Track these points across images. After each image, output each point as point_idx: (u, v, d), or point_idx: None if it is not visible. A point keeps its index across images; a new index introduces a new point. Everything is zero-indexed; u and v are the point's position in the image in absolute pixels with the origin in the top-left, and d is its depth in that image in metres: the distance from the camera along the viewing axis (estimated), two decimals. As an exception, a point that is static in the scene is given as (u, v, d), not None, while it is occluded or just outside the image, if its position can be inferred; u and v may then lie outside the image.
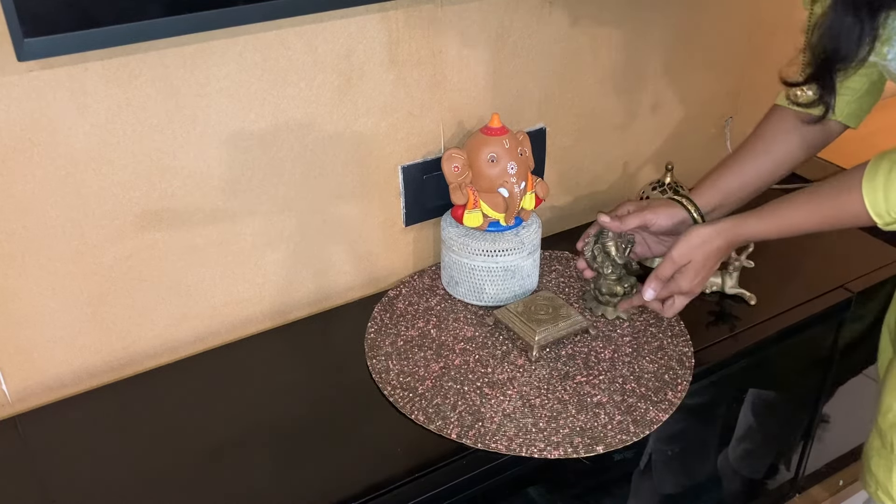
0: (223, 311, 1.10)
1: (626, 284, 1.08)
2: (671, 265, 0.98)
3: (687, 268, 0.98)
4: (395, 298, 1.16)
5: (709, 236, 0.96)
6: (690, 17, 1.34)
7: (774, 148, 1.03)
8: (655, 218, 1.04)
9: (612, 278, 1.08)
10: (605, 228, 1.05)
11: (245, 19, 0.90)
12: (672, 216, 1.04)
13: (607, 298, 1.09)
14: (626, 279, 1.09)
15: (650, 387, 0.99)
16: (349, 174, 1.11)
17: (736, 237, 0.96)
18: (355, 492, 0.86)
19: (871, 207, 0.85)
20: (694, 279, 0.98)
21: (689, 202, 1.04)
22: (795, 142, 1.02)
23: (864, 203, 0.85)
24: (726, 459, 1.35)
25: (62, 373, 1.02)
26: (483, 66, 1.15)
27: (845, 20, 0.76)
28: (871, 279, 1.21)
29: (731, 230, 0.96)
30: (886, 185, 0.83)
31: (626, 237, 1.06)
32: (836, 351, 1.26)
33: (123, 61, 0.89)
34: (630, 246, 1.07)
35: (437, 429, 0.93)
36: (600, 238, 1.07)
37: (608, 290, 1.08)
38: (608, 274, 1.08)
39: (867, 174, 0.85)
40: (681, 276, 0.98)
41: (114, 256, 0.99)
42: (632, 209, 1.06)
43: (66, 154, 0.90)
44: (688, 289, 0.99)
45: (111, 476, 0.90)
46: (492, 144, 1.07)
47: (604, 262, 1.07)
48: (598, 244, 1.07)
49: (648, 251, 1.10)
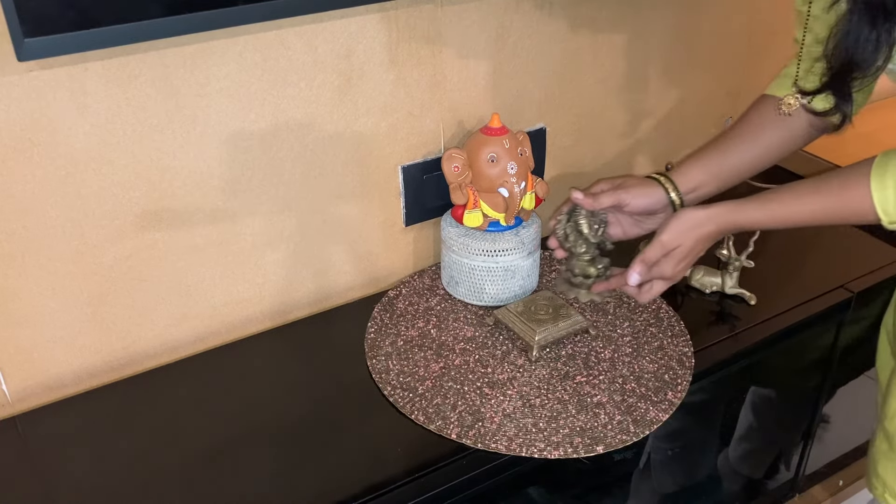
0: (223, 311, 1.10)
1: (599, 266, 1.01)
2: (660, 248, 0.94)
3: (674, 252, 0.94)
4: (395, 298, 1.16)
5: (701, 221, 0.92)
6: (690, 17, 1.34)
7: (762, 136, 1.00)
8: (630, 197, 0.99)
9: (585, 259, 1.01)
10: (577, 206, 1.00)
11: (245, 19, 0.90)
12: (648, 195, 0.99)
13: (580, 280, 1.02)
14: (599, 260, 1.02)
15: (650, 387, 0.99)
16: (349, 174, 1.11)
17: (729, 224, 0.93)
18: (355, 492, 0.86)
19: (879, 204, 0.82)
20: (678, 265, 0.94)
21: (668, 181, 1.00)
22: (783, 133, 0.99)
23: (872, 199, 0.82)
24: (726, 459, 1.34)
25: (62, 373, 1.02)
26: (483, 66, 1.15)
27: (862, 28, 0.75)
28: (871, 279, 1.21)
29: (724, 216, 0.92)
30: None
31: (599, 215, 1.00)
32: (837, 351, 1.26)
33: (123, 61, 0.89)
34: (604, 225, 1.01)
35: (437, 429, 0.93)
36: (573, 216, 1.01)
37: (581, 271, 1.02)
38: (581, 254, 1.01)
39: (875, 170, 0.83)
40: (666, 260, 0.94)
41: (114, 256, 0.99)
42: (606, 187, 1.01)
43: (66, 154, 0.90)
44: (670, 274, 0.95)
45: (111, 476, 0.90)
46: (492, 144, 1.07)
47: (576, 242, 1.00)
48: (570, 222, 1.01)
49: (622, 232, 1.04)
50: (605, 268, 1.02)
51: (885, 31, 0.75)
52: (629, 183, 1.01)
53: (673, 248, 0.93)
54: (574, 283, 1.03)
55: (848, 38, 0.76)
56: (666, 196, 1.00)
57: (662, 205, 1.00)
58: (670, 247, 0.93)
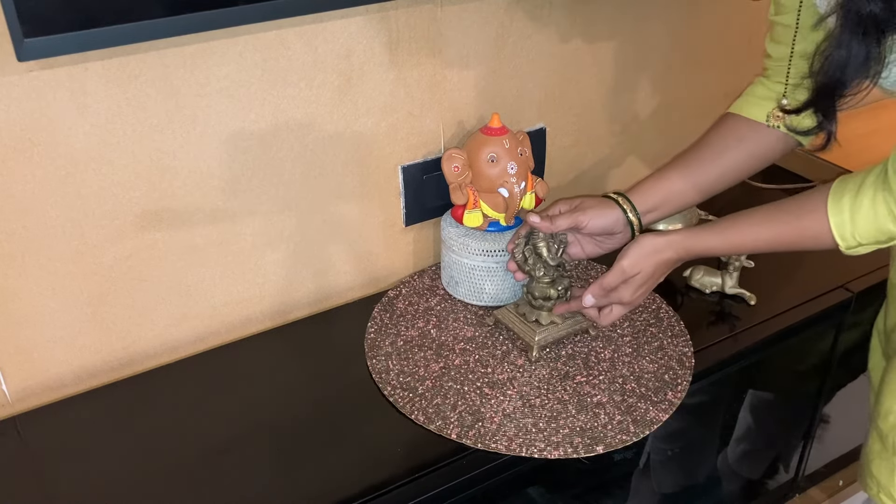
0: (223, 311, 1.10)
1: (559, 287, 1.02)
2: (620, 274, 0.94)
3: (633, 279, 0.94)
4: (395, 298, 1.16)
5: (661, 247, 0.92)
6: (690, 17, 1.34)
7: (723, 157, 0.99)
8: (588, 219, 0.99)
9: (544, 281, 1.02)
10: (535, 229, 1.01)
11: (245, 19, 0.90)
12: (605, 216, 0.99)
13: (541, 303, 1.03)
14: (559, 281, 1.02)
15: (650, 387, 0.99)
16: (349, 174, 1.11)
17: (687, 251, 0.93)
18: (355, 492, 0.86)
19: (835, 229, 0.82)
20: (636, 291, 0.95)
21: (626, 201, 1.00)
22: (745, 154, 0.99)
23: (829, 224, 0.82)
24: (726, 460, 1.35)
25: (62, 373, 1.02)
26: (483, 66, 1.15)
27: (852, 45, 0.73)
28: (871, 279, 1.21)
29: (682, 243, 0.92)
30: (853, 207, 0.81)
31: (558, 237, 1.01)
32: (837, 351, 1.26)
33: (123, 61, 0.89)
34: (563, 246, 1.01)
35: (437, 429, 0.93)
36: (531, 239, 1.01)
37: (541, 293, 1.02)
38: (540, 277, 1.01)
39: (832, 196, 0.82)
40: (625, 286, 0.94)
41: (114, 256, 0.99)
42: (563, 209, 1.01)
43: (66, 154, 0.90)
44: (629, 300, 0.95)
45: (111, 476, 0.90)
46: (492, 144, 1.07)
47: (535, 265, 1.01)
48: (528, 245, 1.01)
49: (582, 252, 1.04)
50: (566, 289, 1.03)
51: (874, 47, 0.73)
52: (587, 204, 1.01)
53: (633, 274, 0.94)
54: (535, 306, 1.04)
55: (837, 56, 0.75)
56: (624, 216, 1.00)
57: (621, 225, 1.00)
58: (630, 273, 0.94)
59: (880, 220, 0.80)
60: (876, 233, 0.81)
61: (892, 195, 0.79)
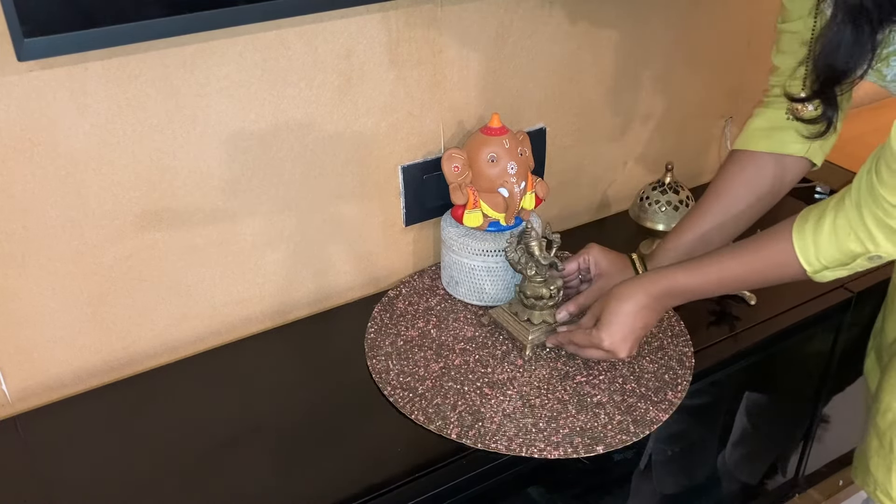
0: (223, 311, 1.10)
1: (552, 287, 1.02)
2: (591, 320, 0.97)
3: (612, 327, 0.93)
4: (395, 298, 1.16)
5: (630, 293, 0.93)
6: (690, 17, 1.34)
7: (733, 206, 1.01)
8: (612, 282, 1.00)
9: (536, 280, 1.02)
10: (528, 228, 1.02)
11: (245, 19, 0.90)
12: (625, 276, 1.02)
13: (532, 302, 1.03)
14: (552, 281, 1.03)
15: (650, 387, 0.99)
16: (349, 174, 1.11)
17: (662, 292, 0.92)
18: (355, 492, 0.86)
19: (800, 254, 0.84)
20: (615, 335, 0.93)
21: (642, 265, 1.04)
22: (755, 195, 1.01)
23: (794, 250, 0.84)
24: (725, 460, 1.34)
25: (62, 373, 1.02)
26: (483, 66, 1.15)
27: (844, 32, 0.75)
28: (872, 279, 1.21)
29: (653, 283, 0.92)
30: (815, 231, 0.82)
31: (550, 236, 1.03)
32: (837, 351, 1.26)
33: (123, 61, 0.89)
34: (555, 246, 1.03)
35: (437, 429, 0.93)
36: (523, 238, 1.02)
37: (533, 293, 1.02)
38: (532, 276, 1.02)
39: (797, 223, 0.85)
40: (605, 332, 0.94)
41: (114, 256, 0.99)
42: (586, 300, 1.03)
43: (66, 154, 0.90)
44: (608, 347, 0.94)
45: (111, 476, 0.90)
46: (492, 144, 1.07)
47: (528, 264, 1.02)
48: (521, 244, 1.02)
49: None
50: (558, 289, 1.03)
51: (868, 35, 0.75)
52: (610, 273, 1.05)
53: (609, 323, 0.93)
54: (527, 305, 1.04)
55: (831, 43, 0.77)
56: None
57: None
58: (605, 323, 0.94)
59: (841, 239, 0.81)
60: (839, 254, 0.82)
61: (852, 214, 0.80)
